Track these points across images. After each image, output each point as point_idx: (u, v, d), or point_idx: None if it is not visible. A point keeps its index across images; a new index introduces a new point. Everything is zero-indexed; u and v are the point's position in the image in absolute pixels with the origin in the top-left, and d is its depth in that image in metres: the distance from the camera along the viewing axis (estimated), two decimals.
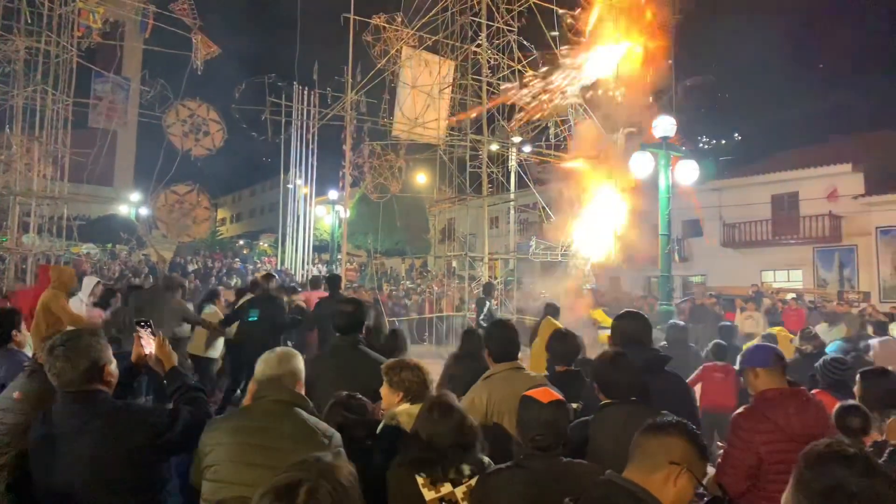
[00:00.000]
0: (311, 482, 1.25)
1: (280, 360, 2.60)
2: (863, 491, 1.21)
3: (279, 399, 2.48)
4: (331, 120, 17.24)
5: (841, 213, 22.80)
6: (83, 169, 14.42)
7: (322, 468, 1.30)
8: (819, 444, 1.32)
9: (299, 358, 2.70)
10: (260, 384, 2.57)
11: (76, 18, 13.66)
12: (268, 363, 2.60)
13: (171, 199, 14.26)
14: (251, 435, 2.35)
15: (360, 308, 4.10)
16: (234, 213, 60.77)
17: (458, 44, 13.84)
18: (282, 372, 2.56)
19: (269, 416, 2.44)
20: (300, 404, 2.52)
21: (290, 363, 2.61)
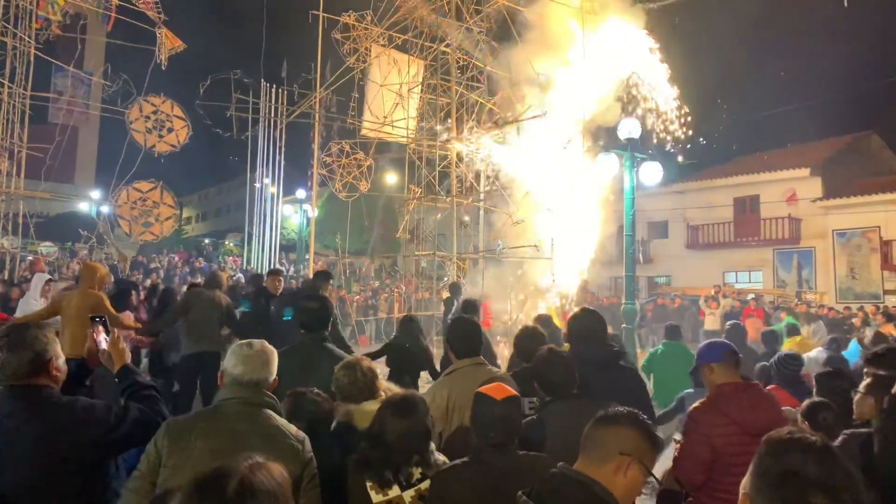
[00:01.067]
0: (243, 474, 1.21)
1: (264, 364, 2.47)
2: (821, 478, 1.22)
3: (251, 401, 2.38)
4: (299, 118, 17.08)
5: (800, 216, 23.46)
6: (41, 165, 14.04)
7: (253, 464, 1.26)
8: (781, 431, 1.34)
9: (275, 356, 2.60)
10: (235, 384, 2.42)
11: (34, 10, 13.28)
12: (250, 364, 2.44)
13: (134, 196, 13.94)
14: (219, 438, 2.22)
15: (325, 305, 4.09)
16: (200, 211, 59.76)
17: (427, 43, 13.85)
18: (264, 376, 2.45)
19: (240, 418, 2.33)
20: (271, 406, 2.45)
21: (271, 365, 2.50)
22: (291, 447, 2.31)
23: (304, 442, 2.39)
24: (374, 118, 13.51)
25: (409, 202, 14.25)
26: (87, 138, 34.83)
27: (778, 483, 1.24)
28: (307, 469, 2.36)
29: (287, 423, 2.43)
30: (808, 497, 1.20)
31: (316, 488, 2.39)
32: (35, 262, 16.37)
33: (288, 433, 2.35)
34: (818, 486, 1.21)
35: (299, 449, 2.34)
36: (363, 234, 23.30)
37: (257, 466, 1.24)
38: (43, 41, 13.69)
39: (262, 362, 2.46)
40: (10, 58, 12.97)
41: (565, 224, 11.99)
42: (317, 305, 4.03)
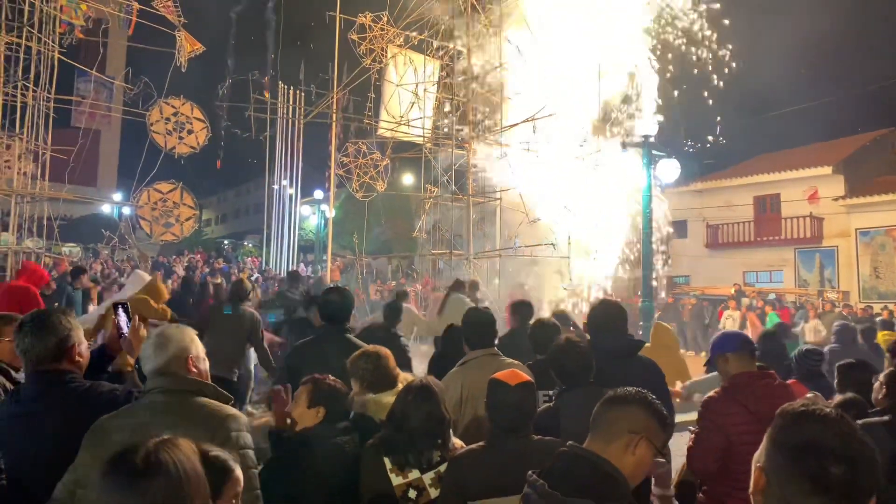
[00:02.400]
0: (150, 449, 1.24)
1: (157, 348, 2.26)
2: (839, 448, 1.22)
3: (170, 389, 2.21)
4: (316, 118, 17.20)
5: (822, 214, 23.13)
6: (65, 168, 14.29)
7: (161, 440, 1.28)
8: (795, 404, 1.34)
9: (182, 334, 2.35)
10: (153, 375, 2.26)
11: (58, 15, 13.53)
12: (144, 356, 2.28)
13: (155, 197, 14.11)
14: (133, 433, 1.99)
15: (345, 297, 4.14)
16: (220, 213, 60.42)
17: (443, 43, 13.89)
18: (165, 360, 2.25)
19: (155, 411, 2.13)
20: (198, 390, 2.25)
21: (169, 346, 2.27)
22: (206, 427, 2.09)
23: (225, 419, 2.16)
24: (391, 118, 13.58)
25: (426, 201, 14.30)
26: (109, 141, 35.37)
27: (796, 454, 1.24)
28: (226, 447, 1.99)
29: (218, 405, 2.23)
30: (828, 467, 1.20)
31: (247, 470, 2.09)
32: (59, 262, 16.67)
33: (207, 414, 2.16)
34: (837, 456, 1.20)
35: (217, 428, 2.12)
36: (380, 234, 23.39)
37: (164, 442, 1.27)
38: (66, 45, 13.93)
39: (153, 348, 2.27)
40: (34, 62, 13.20)
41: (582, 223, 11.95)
42: (338, 297, 4.08)
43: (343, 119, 15.79)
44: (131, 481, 1.20)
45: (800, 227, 23.47)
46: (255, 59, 38.52)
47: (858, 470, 1.21)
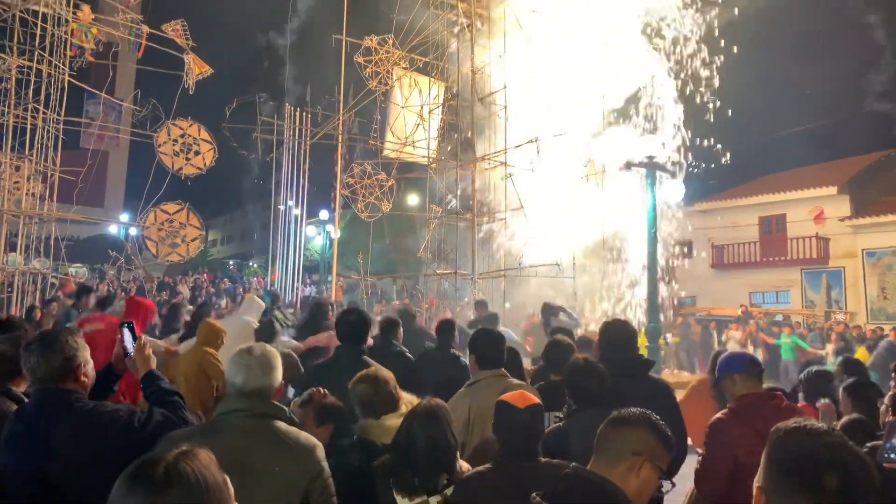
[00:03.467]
0: (169, 461, 1.25)
1: (266, 370, 2.37)
2: (834, 459, 1.23)
3: (255, 412, 2.29)
4: (322, 140, 17.35)
5: (828, 235, 23.05)
6: (73, 188, 14.41)
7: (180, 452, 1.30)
8: (788, 422, 1.34)
9: (279, 360, 2.51)
10: (237, 395, 2.33)
11: (69, 38, 13.74)
12: (250, 372, 2.34)
13: (161, 217, 14.21)
14: (223, 457, 2.12)
15: (362, 318, 4.12)
16: (226, 234, 60.65)
17: (447, 66, 14.04)
18: (268, 384, 2.37)
19: (245, 433, 2.21)
20: (278, 415, 2.36)
21: (275, 372, 2.40)
22: (299, 457, 2.23)
23: (314, 450, 2.31)
24: (396, 139, 13.68)
25: (431, 221, 14.34)
26: (117, 162, 35.72)
27: (790, 468, 1.25)
28: (319, 480, 2.29)
29: (298, 431, 2.35)
30: (823, 478, 1.20)
31: (330, 497, 2.33)
32: (65, 283, 16.73)
33: (296, 443, 2.28)
34: (832, 467, 1.21)
35: (308, 458, 2.27)
36: (385, 254, 23.43)
37: (184, 454, 1.29)
38: (76, 68, 14.13)
39: (264, 369, 2.36)
40: (44, 85, 13.37)
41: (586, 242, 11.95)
42: (354, 318, 4.06)
43: (349, 140, 15.92)
44: (152, 491, 1.21)
45: (806, 247, 23.37)
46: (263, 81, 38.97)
47: (852, 477, 1.21)
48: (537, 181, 12.80)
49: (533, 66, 12.80)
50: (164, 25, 14.27)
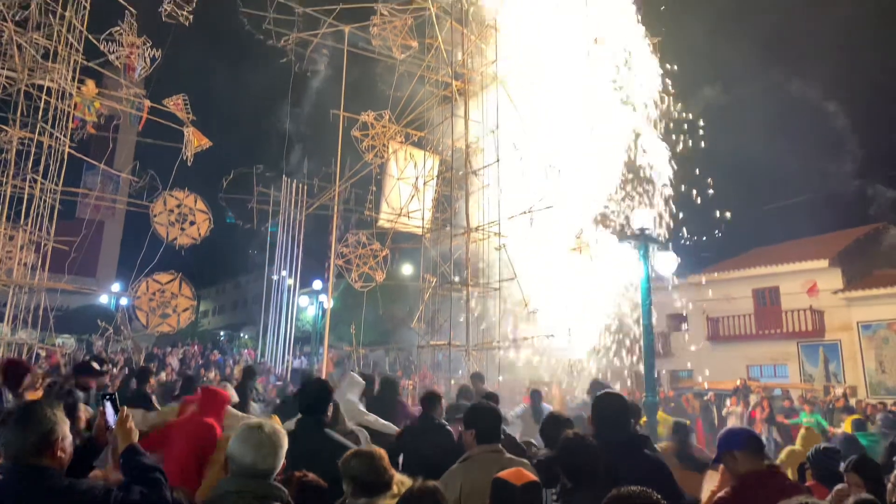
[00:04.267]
0: None
1: (275, 450, 2.30)
2: None
3: (259, 495, 2.22)
4: (317, 210, 17.55)
5: (822, 307, 23.06)
6: (65, 258, 14.36)
7: None
8: (791, 501, 1.27)
9: (286, 438, 2.45)
10: (244, 474, 2.24)
11: (71, 111, 14.03)
12: (261, 451, 2.27)
13: (153, 287, 14.14)
14: None
15: (325, 387, 4.01)
16: (217, 304, 60.26)
17: (442, 139, 14.37)
18: (275, 465, 2.30)
19: None
20: (280, 498, 2.28)
21: (282, 451, 2.34)
22: None
23: None
24: (391, 209, 13.82)
25: (425, 292, 14.29)
26: (112, 232, 35.85)
27: None
28: None
29: None
30: None
31: None
32: (50, 355, 16.41)
33: None
34: None
35: None
36: (378, 325, 23.23)
37: None
38: (77, 140, 14.36)
39: (274, 449, 2.31)
40: (44, 156, 13.53)
41: (580, 312, 11.89)
42: (317, 387, 3.96)
43: (344, 211, 16.09)
44: None
45: (801, 319, 23.34)
46: (261, 153, 39.77)
47: None
48: (531, 252, 12.86)
49: (525, 140, 13.12)
50: (166, 100, 14.65)
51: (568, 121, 12.73)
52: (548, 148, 12.73)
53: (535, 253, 12.74)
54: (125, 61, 14.10)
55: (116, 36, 13.90)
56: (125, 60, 14.14)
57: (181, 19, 13.97)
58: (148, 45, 14.12)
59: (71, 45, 13.39)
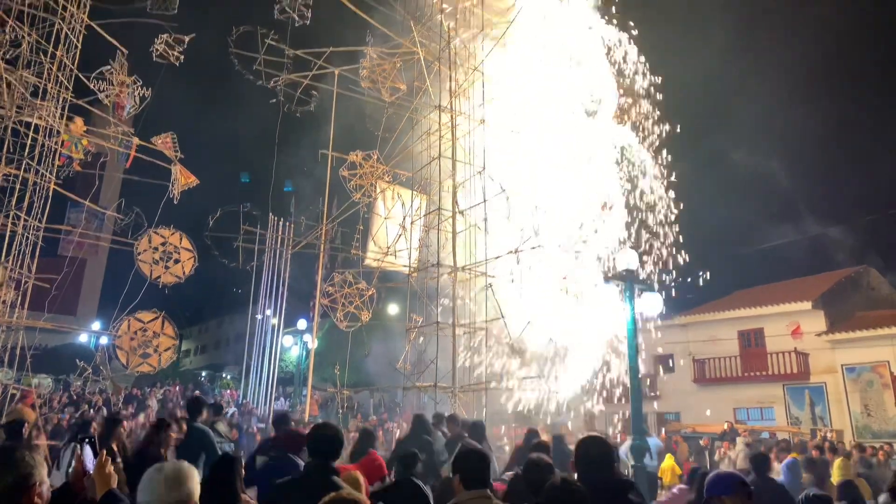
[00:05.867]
0: None
1: (172, 486, 2.20)
2: None
3: None
4: (304, 249, 17.49)
5: (806, 350, 23.14)
6: (46, 296, 14.11)
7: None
8: None
9: (195, 477, 2.31)
10: None
11: (59, 149, 13.97)
12: (157, 490, 2.19)
13: (135, 326, 13.91)
14: None
15: (338, 433, 3.91)
16: (199, 344, 59.34)
17: (429, 180, 14.49)
18: (176, 500, 2.21)
19: None
20: None
21: (184, 486, 2.23)
22: None
23: None
24: (378, 248, 13.81)
25: (411, 331, 14.18)
26: (94, 270, 35.43)
27: None
28: None
29: None
30: None
31: None
32: (25, 395, 15.99)
33: None
34: None
35: None
36: (363, 365, 22.96)
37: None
38: (63, 177, 14.27)
39: (170, 485, 2.21)
40: (29, 193, 13.40)
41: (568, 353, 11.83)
42: (331, 432, 3.86)
43: (331, 250, 16.04)
44: None
45: (786, 362, 23.38)
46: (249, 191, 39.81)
47: None
48: (518, 291, 12.85)
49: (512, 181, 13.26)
50: (155, 138, 14.67)
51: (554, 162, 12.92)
52: (534, 188, 12.87)
53: (522, 292, 12.72)
54: (114, 100, 14.15)
55: (107, 74, 13.97)
56: (114, 99, 14.19)
57: (172, 59, 14.11)
58: (138, 84, 14.20)
59: (61, 83, 13.43)
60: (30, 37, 13.02)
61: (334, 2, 13.95)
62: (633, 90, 14.69)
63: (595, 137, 13.89)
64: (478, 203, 13.28)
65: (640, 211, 14.25)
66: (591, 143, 13.43)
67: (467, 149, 14.01)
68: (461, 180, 14.05)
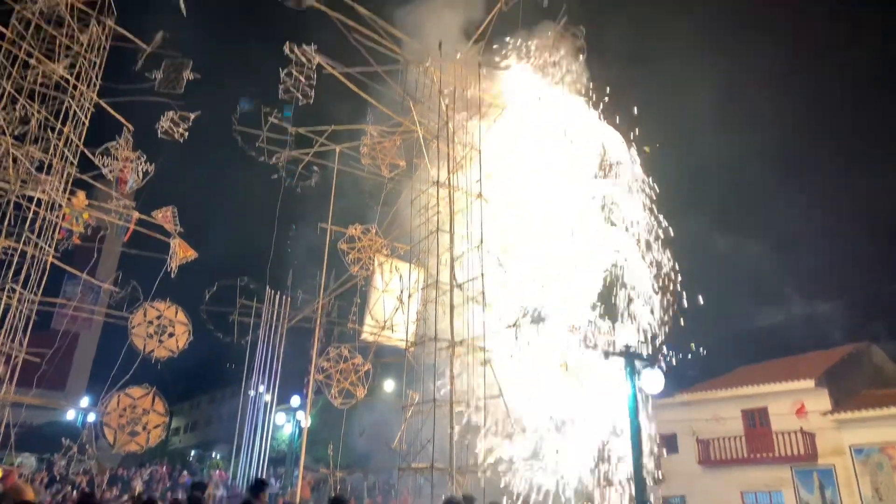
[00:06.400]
0: None
1: None
2: None
3: None
4: (300, 322, 17.32)
5: (813, 429, 22.54)
6: (35, 370, 13.83)
7: None
8: None
9: None
10: None
11: (59, 222, 14.06)
12: None
13: (125, 402, 13.59)
14: None
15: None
16: (190, 421, 57.75)
17: (427, 255, 14.53)
18: None
19: None
20: None
21: None
22: None
23: None
24: (375, 322, 13.67)
25: (407, 410, 13.82)
26: (87, 344, 34.92)
27: None
28: None
29: None
30: None
31: None
32: (6, 474, 15.40)
33: None
34: None
35: None
36: (357, 445, 22.28)
37: None
38: (62, 250, 14.29)
39: None
40: (27, 266, 13.36)
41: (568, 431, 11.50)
42: None
43: (327, 323, 15.89)
44: None
45: (792, 443, 22.69)
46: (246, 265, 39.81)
47: None
48: (517, 367, 12.64)
49: (509, 255, 13.31)
50: (155, 212, 14.80)
51: (552, 237, 13.01)
52: (532, 262, 12.90)
53: (521, 368, 12.51)
54: (118, 174, 14.38)
55: (112, 150, 14.26)
56: (118, 174, 14.42)
57: (176, 136, 14.44)
58: (142, 160, 14.47)
59: (66, 158, 13.67)
60: (39, 114, 13.37)
61: (336, 81, 14.46)
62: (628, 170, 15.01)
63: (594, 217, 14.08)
64: (475, 276, 13.27)
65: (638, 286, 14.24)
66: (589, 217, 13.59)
67: (465, 223, 14.14)
68: (459, 254, 14.09)
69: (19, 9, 13.54)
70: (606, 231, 14.00)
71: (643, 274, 13.78)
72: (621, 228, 14.31)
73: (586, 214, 13.87)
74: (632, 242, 14.05)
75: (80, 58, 13.96)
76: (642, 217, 14.59)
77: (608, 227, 14.12)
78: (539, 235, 13.26)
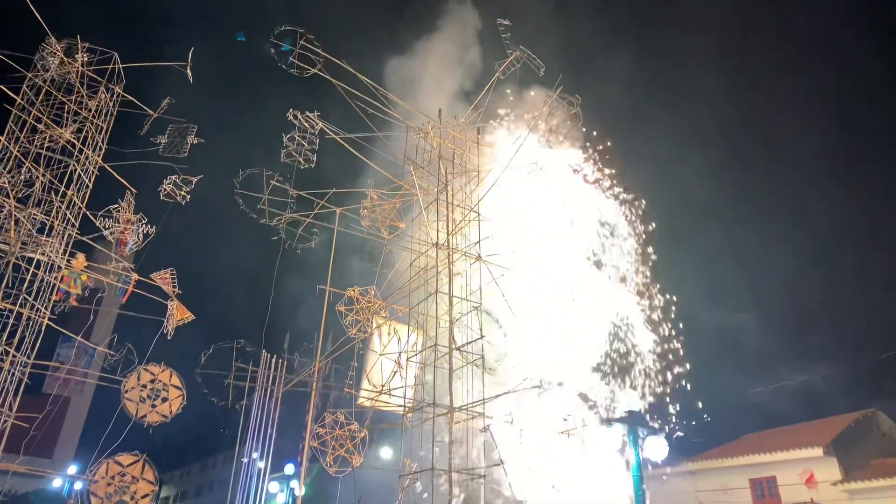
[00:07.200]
0: None
1: None
2: None
3: None
4: (296, 386, 17.02)
5: (823, 501, 21.81)
6: (24, 436, 13.47)
7: None
8: None
9: None
10: None
11: (57, 284, 13.98)
12: None
13: (114, 470, 13.17)
14: None
15: None
16: (180, 490, 55.86)
17: (426, 315, 14.43)
18: None
19: None
20: None
21: None
22: None
23: None
24: (372, 386, 13.43)
25: (404, 479, 13.39)
26: (78, 408, 34.28)
27: None
28: None
29: None
30: None
31: None
32: None
33: None
34: None
35: None
36: None
37: None
38: (58, 312, 14.14)
39: None
40: (21, 328, 13.19)
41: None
42: None
43: (323, 388, 15.60)
44: None
45: None
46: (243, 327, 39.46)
47: None
48: (518, 434, 12.33)
49: (509, 318, 13.21)
50: (154, 274, 14.74)
51: (551, 300, 12.97)
52: (533, 325, 12.80)
53: (522, 435, 12.21)
54: (118, 236, 14.41)
55: (114, 212, 14.35)
56: (118, 235, 14.46)
57: (178, 198, 14.58)
58: (143, 222, 14.55)
59: (67, 220, 13.74)
60: (43, 177, 13.52)
61: (337, 144, 14.75)
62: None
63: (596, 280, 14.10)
64: (475, 339, 13.14)
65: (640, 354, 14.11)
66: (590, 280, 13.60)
67: (464, 285, 14.11)
68: (458, 316, 13.99)
69: (31, 76, 13.92)
70: (609, 294, 13.96)
71: (646, 339, 13.67)
72: (623, 291, 14.30)
73: (587, 278, 13.88)
74: (635, 307, 14.01)
75: (88, 123, 14.25)
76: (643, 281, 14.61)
77: (611, 290, 14.10)
78: (540, 299, 13.22)
